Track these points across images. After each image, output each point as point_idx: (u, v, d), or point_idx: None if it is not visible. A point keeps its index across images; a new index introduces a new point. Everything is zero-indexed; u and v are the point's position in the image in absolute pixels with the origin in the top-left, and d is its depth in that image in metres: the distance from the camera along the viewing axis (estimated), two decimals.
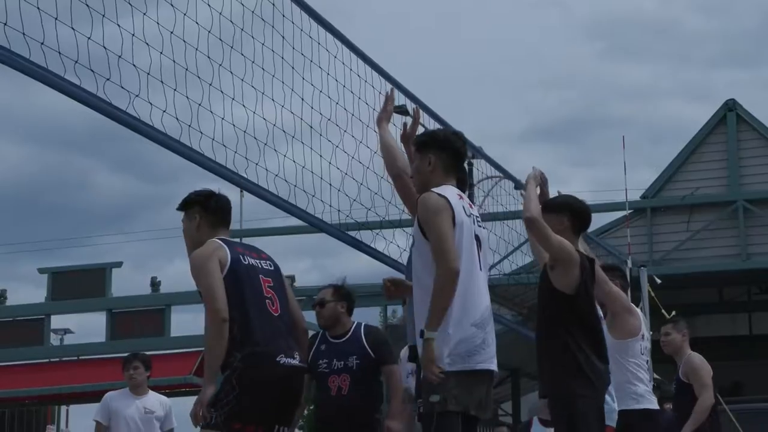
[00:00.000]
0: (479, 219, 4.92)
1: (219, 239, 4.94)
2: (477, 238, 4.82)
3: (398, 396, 6.34)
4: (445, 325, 4.55)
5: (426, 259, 4.64)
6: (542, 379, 5.37)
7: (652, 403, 6.67)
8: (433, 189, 4.73)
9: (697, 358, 7.66)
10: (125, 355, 9.33)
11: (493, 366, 4.74)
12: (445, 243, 4.58)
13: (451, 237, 4.61)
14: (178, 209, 5.09)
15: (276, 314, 4.96)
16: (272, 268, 5.13)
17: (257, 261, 5.04)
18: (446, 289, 4.54)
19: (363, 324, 6.52)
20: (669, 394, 8.53)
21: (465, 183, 5.14)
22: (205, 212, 4.96)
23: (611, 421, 5.92)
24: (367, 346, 6.30)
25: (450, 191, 4.77)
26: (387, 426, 6.22)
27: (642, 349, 6.67)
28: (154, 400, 8.69)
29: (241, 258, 4.93)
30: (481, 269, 4.79)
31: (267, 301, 4.98)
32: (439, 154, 4.86)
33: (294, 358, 4.89)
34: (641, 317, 6.90)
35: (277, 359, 4.82)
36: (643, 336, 6.72)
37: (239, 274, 4.88)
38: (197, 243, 4.95)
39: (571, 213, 5.56)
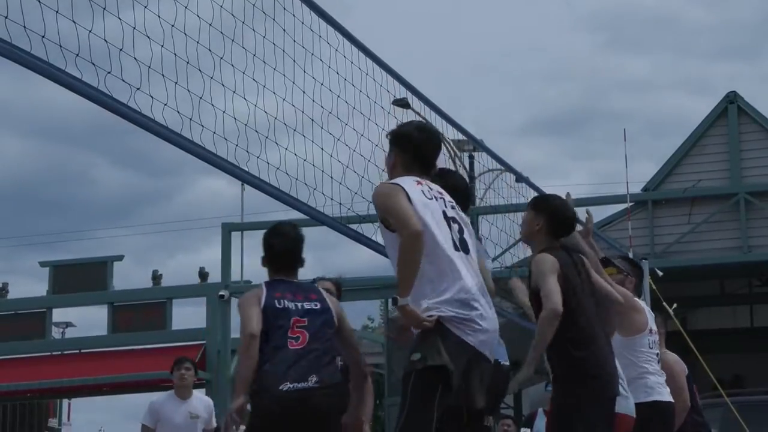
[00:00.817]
0: (453, 203, 4.85)
1: (266, 282, 5.64)
2: (453, 219, 4.75)
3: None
4: (416, 299, 4.48)
5: (392, 247, 4.63)
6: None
7: (663, 395, 6.67)
8: (383, 181, 4.86)
9: (672, 358, 7.59)
10: (129, 348, 9.38)
11: (472, 340, 4.53)
12: (400, 214, 4.52)
13: (407, 207, 4.54)
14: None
15: (296, 348, 5.46)
16: (317, 307, 5.64)
17: (292, 303, 5.60)
18: (410, 251, 4.45)
19: None
20: None
21: (429, 169, 4.97)
22: (269, 262, 5.67)
23: (626, 410, 5.99)
24: None
25: (403, 179, 4.76)
26: None
27: (650, 343, 6.70)
28: (198, 403, 8.75)
29: (276, 302, 5.55)
30: (459, 250, 4.67)
31: (290, 339, 5.53)
32: (400, 152, 4.88)
33: (305, 382, 5.37)
34: (647, 311, 6.91)
35: (280, 387, 5.34)
36: (650, 330, 6.74)
37: (267, 316, 5.50)
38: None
39: (548, 217, 5.69)
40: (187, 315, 35.71)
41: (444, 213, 4.71)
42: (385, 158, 4.99)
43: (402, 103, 6.88)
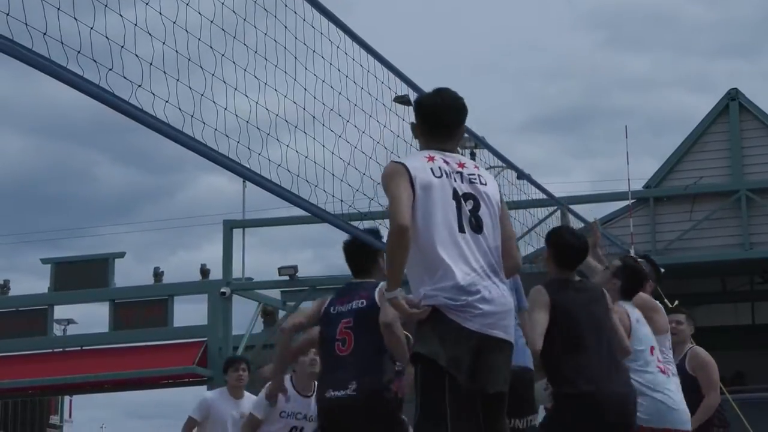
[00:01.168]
0: (475, 176, 4.67)
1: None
2: (467, 196, 4.59)
3: None
4: (415, 287, 4.46)
5: None
6: None
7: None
8: (392, 159, 4.79)
9: (705, 354, 7.64)
10: (131, 345, 9.42)
11: (473, 325, 4.43)
12: (393, 203, 4.46)
13: (402, 197, 4.44)
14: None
15: (343, 354, 5.74)
16: (362, 305, 5.83)
17: (345, 306, 5.87)
18: (394, 245, 4.39)
19: None
20: None
21: (452, 136, 4.81)
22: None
23: (672, 423, 6.08)
24: None
25: (414, 155, 4.68)
26: None
27: (670, 344, 6.76)
28: (249, 404, 8.75)
29: (330, 309, 5.92)
30: (465, 231, 4.53)
31: (337, 343, 5.80)
32: (420, 121, 4.79)
33: (342, 390, 5.64)
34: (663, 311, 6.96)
35: (325, 394, 5.72)
36: (668, 330, 6.82)
37: (322, 325, 5.94)
38: None
39: (554, 250, 5.85)
40: (189, 312, 35.80)
41: (455, 191, 4.57)
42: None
43: (403, 100, 6.87)
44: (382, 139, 6.34)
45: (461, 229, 4.53)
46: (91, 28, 4.23)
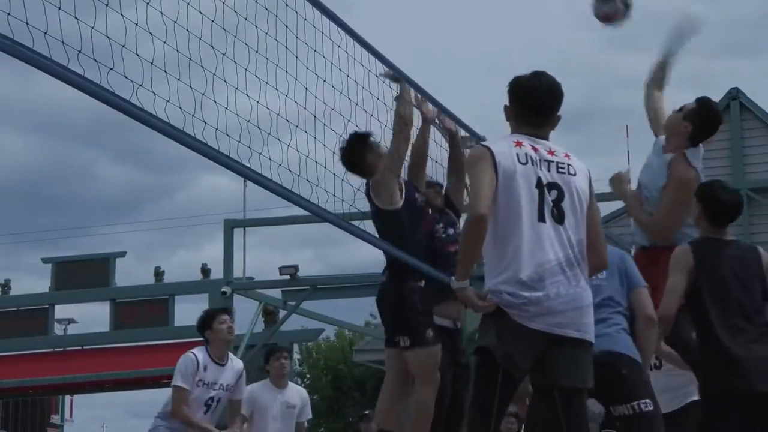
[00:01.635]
0: (564, 165, 4.52)
1: None
2: (552, 186, 4.44)
3: None
4: (488, 279, 4.35)
5: None
6: None
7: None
8: (480, 142, 4.65)
9: None
10: (131, 345, 9.48)
11: (539, 325, 4.30)
12: (475, 188, 4.35)
13: (483, 183, 4.32)
14: None
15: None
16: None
17: None
18: (469, 233, 4.31)
19: None
20: None
21: (546, 121, 4.64)
22: None
23: None
24: None
25: (502, 139, 4.52)
26: None
27: None
28: (293, 393, 8.77)
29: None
30: (545, 221, 4.37)
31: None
32: (515, 105, 4.61)
33: None
34: None
35: None
36: None
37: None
38: None
39: (703, 203, 5.73)
40: (190, 311, 35.66)
41: (539, 179, 4.42)
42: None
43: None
44: (384, 139, 6.34)
45: (541, 219, 4.38)
46: (92, 28, 4.23)
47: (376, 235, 6.33)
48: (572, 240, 4.43)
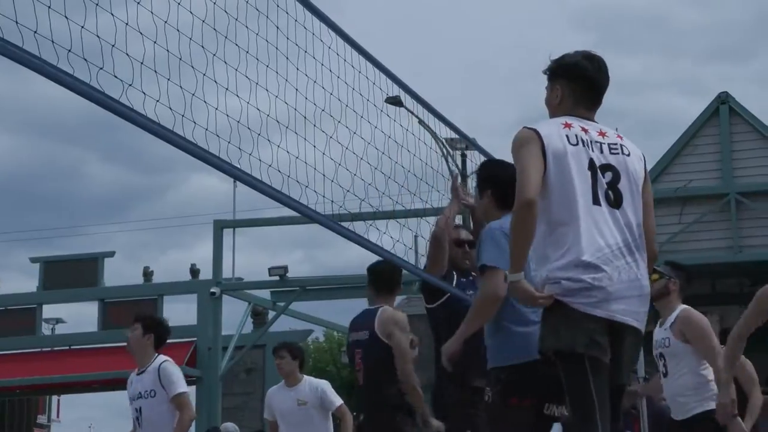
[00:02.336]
0: (616, 146, 4.31)
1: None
2: (606, 167, 4.24)
3: None
4: (543, 266, 4.13)
5: None
6: None
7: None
8: (525, 125, 4.33)
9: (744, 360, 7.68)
10: (120, 345, 9.53)
11: (603, 312, 4.06)
12: (521, 174, 4.11)
13: (530, 168, 4.11)
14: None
15: (361, 384, 6.60)
16: (366, 337, 6.62)
17: (358, 334, 6.67)
18: (519, 220, 4.06)
19: None
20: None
21: (598, 105, 4.50)
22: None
23: None
24: None
25: (549, 122, 4.33)
26: None
27: None
28: (305, 388, 8.64)
29: (351, 336, 6.76)
30: (600, 203, 4.16)
31: (358, 374, 6.59)
32: (568, 84, 4.41)
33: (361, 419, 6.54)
34: None
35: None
36: None
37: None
38: None
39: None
40: (178, 312, 35.72)
41: (591, 161, 4.21)
42: (546, 97, 4.52)
43: (394, 101, 6.87)
44: (374, 140, 6.34)
45: (596, 202, 4.17)
46: (82, 27, 4.22)
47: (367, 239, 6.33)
48: (631, 223, 4.21)
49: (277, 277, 18.83)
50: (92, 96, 4.28)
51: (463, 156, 23.38)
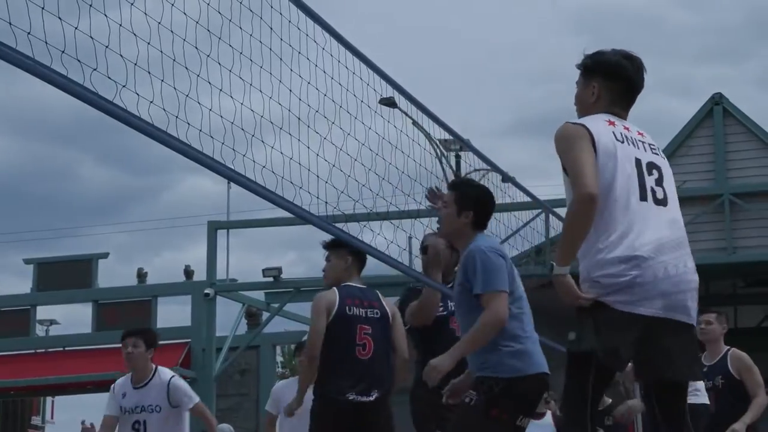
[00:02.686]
0: (655, 146, 4.32)
1: (340, 287, 6.52)
2: (651, 166, 4.21)
3: None
4: (587, 260, 4.05)
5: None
6: None
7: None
8: (569, 120, 4.24)
9: (746, 356, 7.71)
10: (114, 346, 9.54)
11: (647, 310, 3.99)
12: (577, 168, 4.01)
13: (587, 161, 4.01)
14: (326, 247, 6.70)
15: (364, 358, 6.37)
16: (377, 315, 6.51)
17: (362, 310, 6.49)
18: (576, 216, 3.98)
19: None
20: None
21: (631, 106, 4.45)
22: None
23: None
24: None
25: (592, 118, 4.24)
26: None
27: None
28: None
29: (347, 309, 6.41)
30: (647, 200, 4.12)
31: (358, 347, 6.38)
32: (606, 83, 4.33)
33: (368, 396, 6.27)
34: None
35: (347, 396, 6.24)
36: None
37: (337, 322, 6.37)
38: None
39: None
40: (173, 313, 35.71)
41: (637, 159, 4.18)
42: (578, 93, 4.45)
43: (389, 103, 6.87)
44: (368, 141, 6.34)
45: (643, 198, 4.14)
46: (76, 28, 4.22)
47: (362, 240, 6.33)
48: (677, 219, 4.22)
49: (271, 279, 18.83)
50: (86, 97, 4.27)
51: (458, 157, 23.39)
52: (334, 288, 6.61)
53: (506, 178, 9.74)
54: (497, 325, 4.81)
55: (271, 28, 5.43)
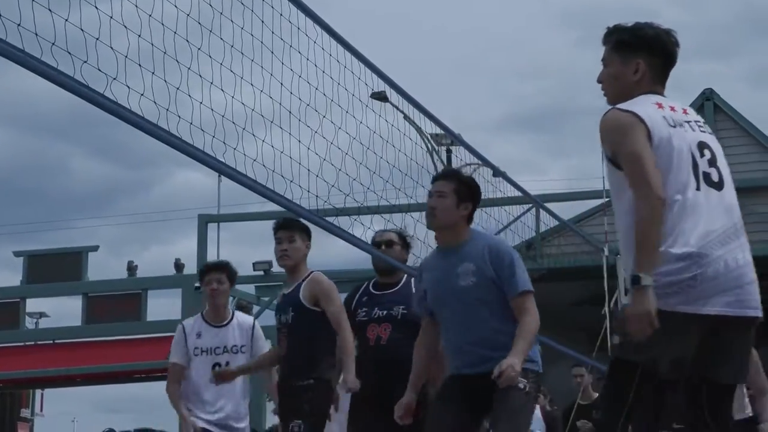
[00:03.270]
0: (700, 122, 4.02)
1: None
2: (702, 146, 3.91)
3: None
4: (629, 256, 3.71)
5: (619, 190, 3.85)
6: None
7: None
8: (617, 106, 3.87)
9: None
10: (103, 339, 9.30)
11: (712, 309, 3.66)
12: (641, 166, 3.67)
13: (648, 159, 3.69)
14: None
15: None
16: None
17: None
18: (651, 223, 3.62)
19: (413, 278, 6.57)
20: None
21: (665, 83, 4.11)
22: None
23: None
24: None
25: (641, 103, 3.87)
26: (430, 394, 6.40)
27: None
28: None
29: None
30: (701, 186, 3.80)
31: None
32: (650, 58, 3.95)
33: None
34: None
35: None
36: None
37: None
38: None
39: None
40: (163, 306, 35.66)
41: (690, 144, 3.86)
42: (614, 71, 4.03)
43: (380, 97, 6.86)
44: (359, 135, 6.34)
45: (698, 187, 3.81)
46: (66, 20, 4.21)
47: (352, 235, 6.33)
48: (733, 205, 3.92)
49: (261, 272, 18.81)
50: (76, 89, 4.26)
51: (449, 152, 23.38)
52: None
53: (497, 172, 9.75)
54: (538, 323, 5.00)
55: (263, 22, 5.42)
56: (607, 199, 16.56)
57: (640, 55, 3.95)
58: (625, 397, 3.68)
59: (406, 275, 6.49)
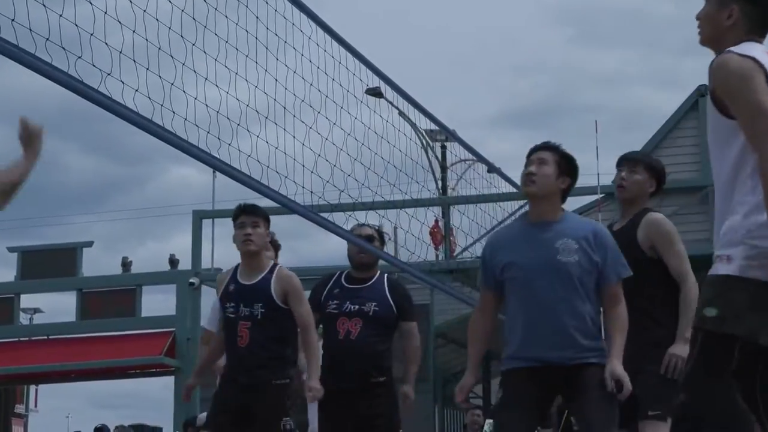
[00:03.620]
0: None
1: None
2: None
3: (415, 359, 6.50)
4: (740, 217, 3.45)
5: (727, 137, 3.57)
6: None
7: None
8: (731, 48, 3.60)
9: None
10: (98, 335, 9.16)
11: None
12: (765, 115, 3.37)
13: None
14: None
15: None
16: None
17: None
18: None
19: (387, 275, 6.58)
20: None
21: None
22: None
23: None
24: (389, 297, 6.40)
25: (750, 47, 3.59)
26: (403, 391, 6.33)
27: None
28: None
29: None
30: None
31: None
32: (746, 8, 3.72)
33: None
34: None
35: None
36: None
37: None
38: None
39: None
40: (157, 302, 35.63)
41: None
42: (707, 13, 3.86)
43: (375, 93, 6.87)
44: (353, 131, 6.34)
45: None
46: (60, 15, 4.20)
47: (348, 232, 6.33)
48: None
49: None
50: (70, 85, 4.26)
51: (443, 148, 23.40)
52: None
53: (492, 168, 9.74)
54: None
55: (257, 17, 5.42)
56: (602, 195, 16.59)
57: (737, 2, 3.74)
58: (723, 372, 3.46)
59: (379, 272, 6.51)
